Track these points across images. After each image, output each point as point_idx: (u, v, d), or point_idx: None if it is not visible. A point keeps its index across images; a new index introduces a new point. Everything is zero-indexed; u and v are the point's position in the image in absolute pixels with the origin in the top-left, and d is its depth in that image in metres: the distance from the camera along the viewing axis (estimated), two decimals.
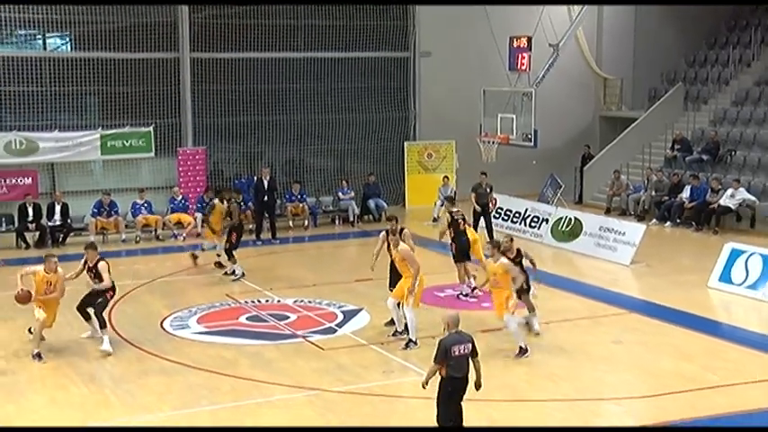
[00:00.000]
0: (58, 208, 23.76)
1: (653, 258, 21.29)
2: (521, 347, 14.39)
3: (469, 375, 10.62)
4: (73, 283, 15.10)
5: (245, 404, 12.48)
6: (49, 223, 23.62)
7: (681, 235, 24.47)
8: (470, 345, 10.55)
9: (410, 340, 14.75)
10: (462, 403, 10.62)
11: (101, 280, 14.93)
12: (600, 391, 13.25)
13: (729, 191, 24.39)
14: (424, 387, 10.67)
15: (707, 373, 13.69)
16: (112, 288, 15.23)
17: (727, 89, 29.62)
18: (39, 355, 14.51)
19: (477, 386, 10.72)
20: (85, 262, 15.18)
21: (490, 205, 23.90)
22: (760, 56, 29.94)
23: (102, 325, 14.89)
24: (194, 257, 20.66)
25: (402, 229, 15.85)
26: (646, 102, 31.38)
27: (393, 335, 15.28)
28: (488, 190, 23.61)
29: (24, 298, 14.64)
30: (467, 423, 10.66)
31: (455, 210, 18.12)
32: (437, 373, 10.53)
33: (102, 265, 14.98)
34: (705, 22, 31.98)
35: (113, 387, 13.37)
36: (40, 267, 14.79)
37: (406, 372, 13.78)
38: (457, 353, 10.39)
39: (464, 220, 18.17)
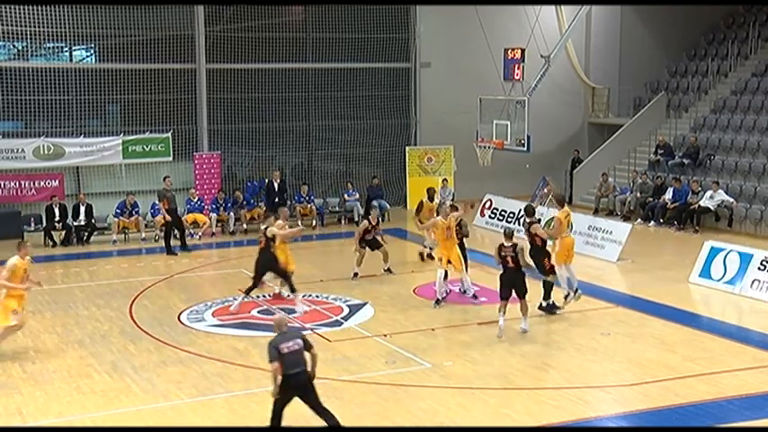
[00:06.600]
0: (82, 209, 23.77)
1: (638, 256, 21.25)
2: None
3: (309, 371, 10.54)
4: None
5: (256, 392, 12.40)
6: (75, 223, 23.62)
7: (664, 234, 24.40)
8: (300, 340, 10.59)
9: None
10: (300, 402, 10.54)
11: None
12: (589, 379, 13.19)
13: (709, 192, 24.33)
14: (274, 396, 10.51)
15: (689, 363, 13.63)
16: None
17: (706, 98, 29.53)
18: None
19: (311, 377, 10.59)
20: None
21: None
22: (737, 67, 29.86)
23: None
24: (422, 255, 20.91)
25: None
26: (631, 109, 31.30)
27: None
28: None
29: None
30: (468, 412, 10.49)
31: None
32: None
33: None
34: (686, 35, 31.96)
35: (134, 375, 13.32)
36: (14, 260, 13.47)
37: (408, 362, 13.74)
38: (286, 350, 10.39)
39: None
